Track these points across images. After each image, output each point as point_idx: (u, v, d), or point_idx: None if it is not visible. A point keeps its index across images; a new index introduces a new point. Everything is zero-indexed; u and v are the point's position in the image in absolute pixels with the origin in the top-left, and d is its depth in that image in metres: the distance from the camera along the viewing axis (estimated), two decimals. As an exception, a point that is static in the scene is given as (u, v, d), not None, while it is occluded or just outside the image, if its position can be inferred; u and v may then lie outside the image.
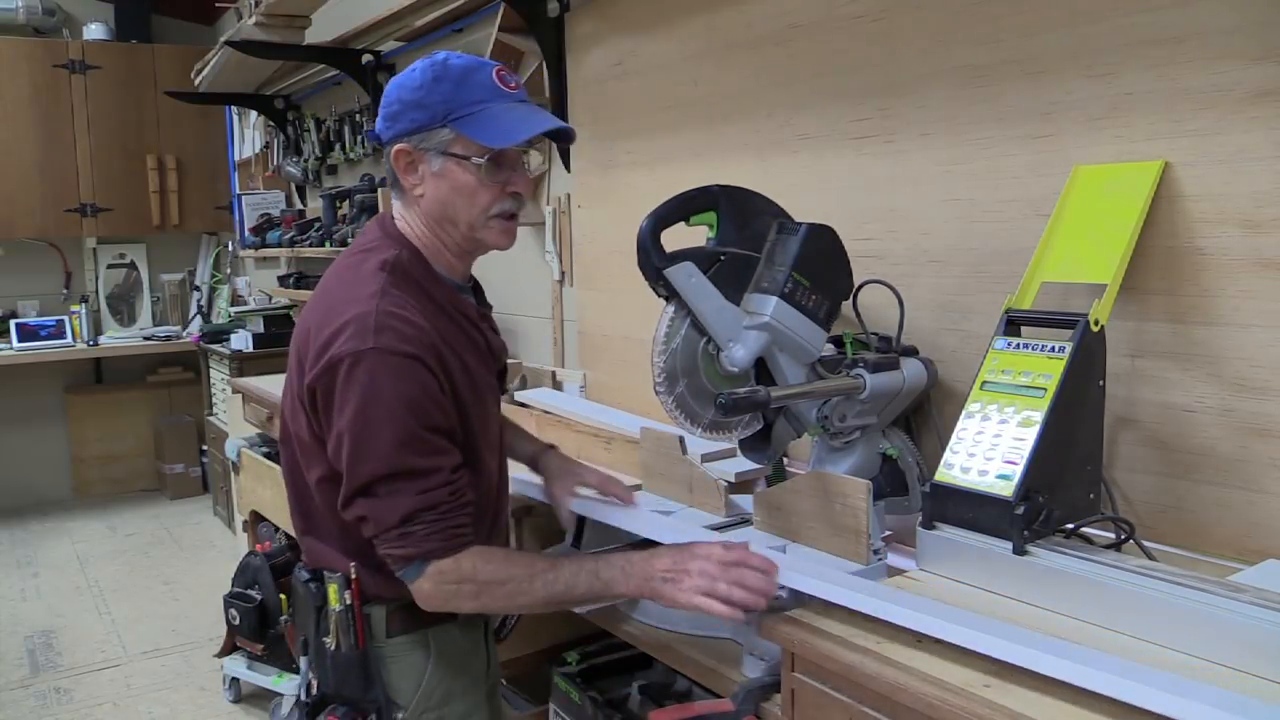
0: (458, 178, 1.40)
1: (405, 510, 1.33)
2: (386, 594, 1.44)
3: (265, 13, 3.64)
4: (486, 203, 1.42)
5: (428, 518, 1.33)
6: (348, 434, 1.34)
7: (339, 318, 1.36)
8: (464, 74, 1.39)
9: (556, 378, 2.93)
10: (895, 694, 1.12)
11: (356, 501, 1.36)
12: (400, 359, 1.32)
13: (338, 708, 1.45)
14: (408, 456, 1.32)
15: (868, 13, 1.87)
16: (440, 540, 1.34)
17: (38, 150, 5.69)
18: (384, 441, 1.32)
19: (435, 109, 1.38)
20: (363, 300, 1.36)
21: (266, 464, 3.16)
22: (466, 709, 1.52)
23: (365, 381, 1.32)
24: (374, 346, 1.32)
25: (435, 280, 1.46)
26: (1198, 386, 1.43)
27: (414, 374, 1.33)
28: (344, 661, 1.44)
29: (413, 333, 1.34)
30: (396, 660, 1.47)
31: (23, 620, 4.14)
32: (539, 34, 2.74)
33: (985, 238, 1.70)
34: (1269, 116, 1.32)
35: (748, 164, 2.17)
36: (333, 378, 1.34)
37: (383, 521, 1.34)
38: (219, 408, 5.32)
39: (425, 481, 1.33)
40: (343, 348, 1.33)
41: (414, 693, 1.46)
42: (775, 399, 1.53)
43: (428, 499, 1.33)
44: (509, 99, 1.40)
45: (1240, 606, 1.12)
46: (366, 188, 3.99)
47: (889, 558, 1.58)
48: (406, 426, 1.32)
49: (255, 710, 3.28)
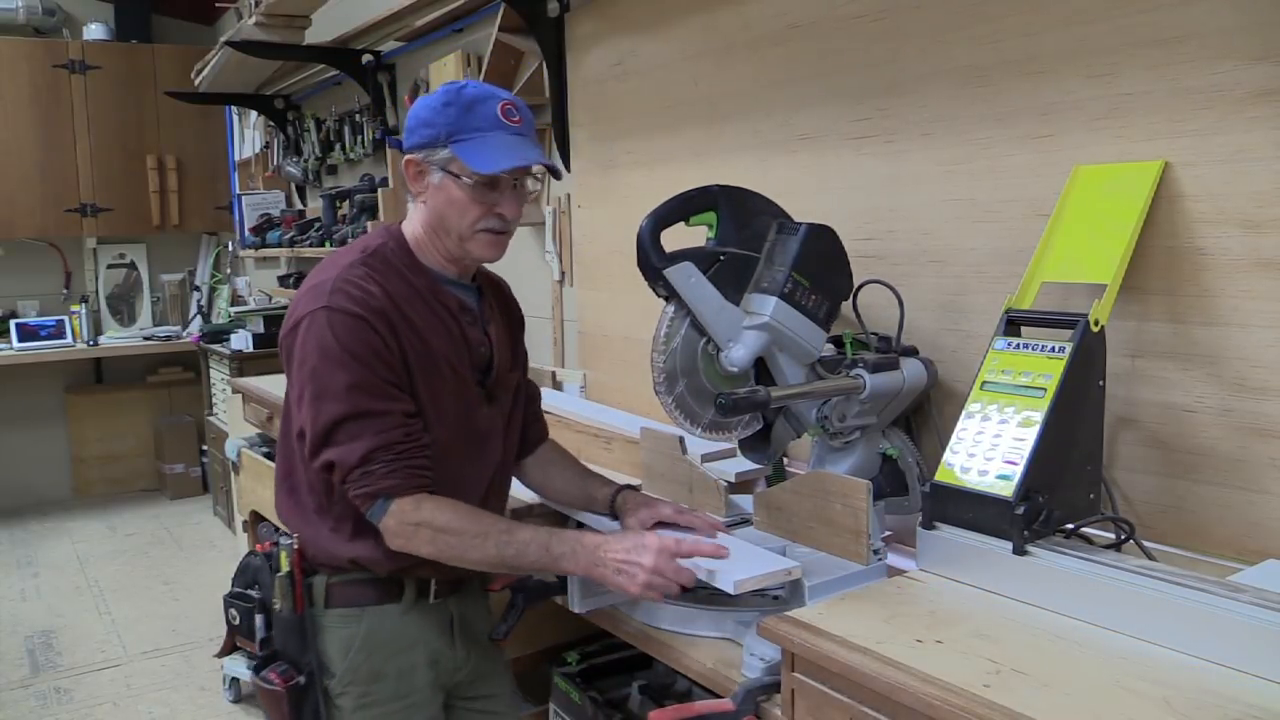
0: (452, 192, 1.53)
1: (364, 450, 1.46)
2: (328, 563, 1.58)
3: (265, 13, 3.64)
4: (474, 218, 1.54)
5: (384, 456, 1.46)
6: (308, 384, 1.49)
7: (306, 286, 1.55)
8: (472, 103, 1.52)
9: (556, 378, 2.93)
10: (895, 694, 1.12)
11: (322, 451, 1.49)
12: (347, 316, 1.47)
13: (280, 664, 1.60)
14: (360, 399, 1.46)
15: (868, 13, 1.87)
16: (399, 478, 1.47)
17: (38, 150, 5.69)
18: (338, 385, 1.46)
19: (440, 129, 1.52)
20: (330, 269, 1.54)
21: (266, 464, 3.16)
22: (397, 692, 1.60)
23: (318, 336, 1.48)
24: (325, 305, 1.48)
25: (416, 269, 1.58)
26: (1198, 386, 1.43)
27: (360, 331, 1.47)
28: (285, 623, 1.60)
29: (362, 296, 1.49)
30: (331, 630, 1.60)
31: (23, 620, 4.14)
32: (539, 34, 2.74)
33: (985, 238, 1.70)
34: (1269, 116, 1.32)
35: (748, 164, 2.17)
36: (294, 337, 1.52)
37: (345, 463, 1.47)
38: (219, 408, 5.32)
39: (380, 422, 1.47)
40: (302, 308, 1.51)
41: (342, 663, 1.59)
42: (775, 399, 1.53)
43: (384, 438, 1.46)
44: (506, 130, 1.52)
45: (1240, 606, 1.12)
46: (366, 188, 3.99)
47: (889, 558, 1.58)
48: (356, 372, 1.46)
49: (255, 710, 3.28)
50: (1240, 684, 1.07)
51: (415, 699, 1.62)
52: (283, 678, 1.58)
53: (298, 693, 1.57)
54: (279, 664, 1.60)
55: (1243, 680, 1.07)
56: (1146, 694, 1.06)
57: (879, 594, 1.36)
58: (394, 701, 1.60)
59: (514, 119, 1.53)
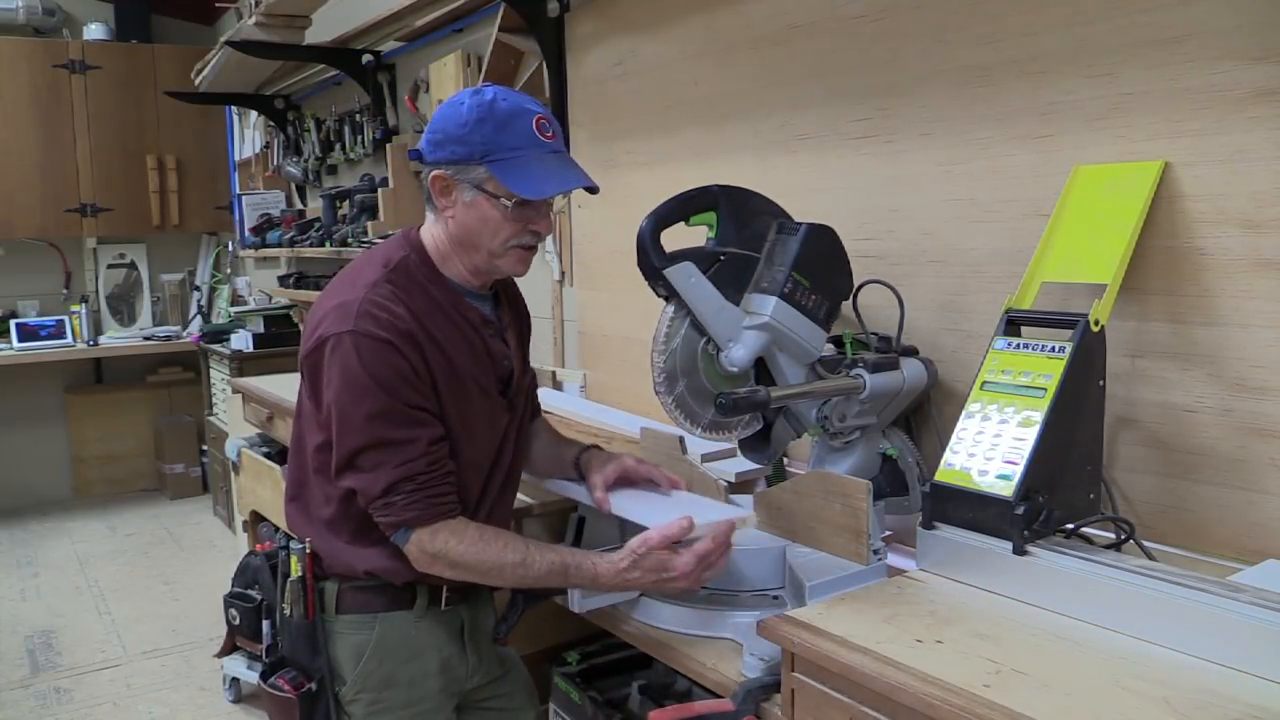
0: (486, 212, 1.51)
1: (386, 482, 1.46)
2: (343, 572, 1.57)
3: (265, 13, 3.64)
4: (508, 236, 1.53)
5: (406, 488, 1.46)
6: (334, 407, 1.48)
7: (332, 301, 1.52)
8: (507, 118, 1.48)
9: (556, 378, 2.93)
10: (895, 694, 1.12)
11: (346, 474, 1.49)
12: (373, 342, 1.45)
13: (289, 670, 1.59)
14: (383, 429, 1.46)
15: (868, 13, 1.87)
16: (419, 509, 1.47)
17: (38, 150, 5.69)
18: (359, 415, 1.46)
19: (475, 147, 1.48)
20: (356, 289, 1.51)
21: (266, 464, 3.16)
22: (409, 699, 1.59)
23: (343, 361, 1.46)
24: (352, 329, 1.46)
25: (439, 282, 1.56)
26: (1198, 386, 1.43)
27: (385, 356, 1.45)
28: (295, 629, 1.58)
29: (389, 319, 1.47)
30: (342, 636, 1.58)
31: (23, 620, 4.14)
32: (539, 34, 2.74)
33: (985, 238, 1.70)
34: (1269, 116, 1.32)
35: (748, 164, 2.17)
36: (320, 355, 1.50)
37: (368, 493, 1.48)
38: (219, 408, 5.32)
39: (403, 453, 1.46)
40: (328, 329, 1.49)
41: (354, 670, 1.57)
42: (775, 399, 1.53)
43: (406, 470, 1.46)
44: (544, 148, 1.50)
45: (1240, 606, 1.12)
46: (366, 188, 3.98)
47: (889, 558, 1.58)
48: (380, 401, 1.45)
49: (255, 710, 3.27)
50: (1240, 684, 1.07)
51: (427, 706, 1.61)
52: (293, 684, 1.56)
53: (309, 700, 1.56)
54: (288, 670, 1.59)
55: (1243, 680, 1.07)
56: (1146, 694, 1.06)
57: (879, 594, 1.36)
58: (405, 708, 1.59)
59: (548, 134, 1.50)
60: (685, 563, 1.47)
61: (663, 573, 1.47)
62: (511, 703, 1.79)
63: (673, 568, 1.47)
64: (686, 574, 1.47)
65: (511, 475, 1.71)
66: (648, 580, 1.48)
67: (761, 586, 1.60)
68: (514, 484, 1.74)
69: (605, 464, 1.73)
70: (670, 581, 1.48)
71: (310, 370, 1.53)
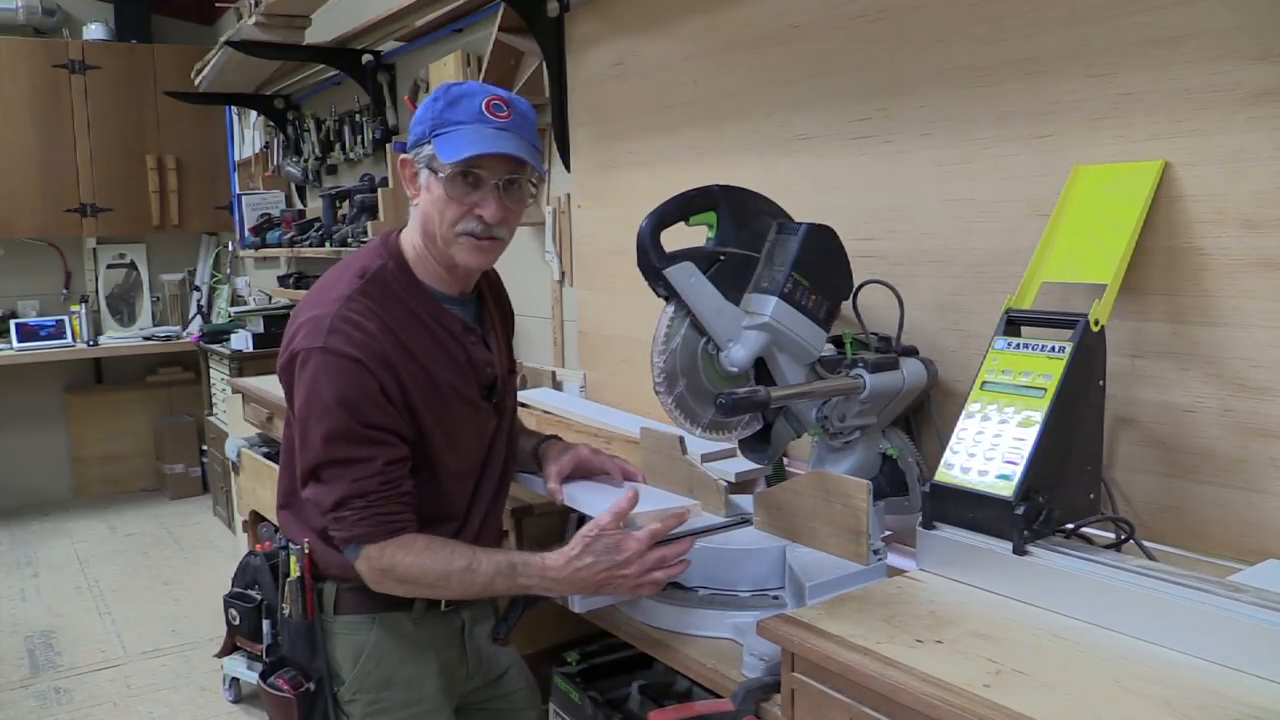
0: (433, 190, 1.50)
1: (337, 496, 1.46)
2: (340, 573, 1.56)
3: (265, 13, 3.65)
4: (453, 217, 1.49)
5: (357, 504, 1.45)
6: (297, 422, 1.49)
7: (307, 313, 1.51)
8: (459, 97, 1.48)
9: (556, 378, 2.93)
10: (895, 694, 1.12)
11: (307, 485, 1.50)
12: (341, 359, 1.44)
13: (288, 670, 1.59)
14: (338, 448, 1.45)
15: (868, 13, 1.87)
16: (369, 526, 1.46)
17: (38, 150, 5.69)
18: (317, 434, 1.45)
19: (426, 125, 1.48)
20: (329, 303, 1.49)
21: (266, 464, 3.16)
22: (407, 700, 1.59)
23: (310, 377, 1.46)
24: (321, 346, 1.45)
25: (417, 292, 1.54)
26: (1198, 386, 1.43)
27: (352, 375, 1.44)
28: (294, 629, 1.59)
29: (361, 338, 1.45)
30: (340, 636, 1.58)
31: (23, 620, 4.14)
32: (539, 34, 2.74)
33: (985, 238, 1.70)
34: (1269, 116, 1.32)
35: (748, 164, 2.17)
36: (291, 368, 1.50)
37: (321, 505, 1.48)
38: (219, 408, 5.32)
39: (357, 470, 1.45)
40: (300, 343, 1.48)
41: (351, 671, 1.57)
42: (775, 399, 1.53)
43: (358, 487, 1.45)
44: (488, 124, 1.46)
45: (1240, 606, 1.12)
46: (366, 188, 3.99)
47: (889, 558, 1.58)
48: (339, 420, 1.44)
49: (255, 710, 3.28)
50: (1240, 684, 1.06)
51: (425, 706, 1.61)
52: (291, 684, 1.56)
53: (307, 699, 1.56)
54: (287, 670, 1.59)
55: (1243, 680, 1.07)
56: (1146, 694, 1.06)
57: (879, 594, 1.36)
58: (404, 709, 1.59)
59: (501, 114, 1.47)
60: (638, 540, 1.45)
61: (615, 554, 1.44)
62: (512, 703, 1.79)
63: (625, 548, 1.44)
64: (640, 554, 1.44)
65: (504, 480, 1.70)
66: (601, 566, 1.44)
67: (761, 586, 1.60)
68: (506, 487, 1.74)
69: (561, 455, 1.73)
70: (623, 567, 1.44)
71: (286, 383, 1.54)
